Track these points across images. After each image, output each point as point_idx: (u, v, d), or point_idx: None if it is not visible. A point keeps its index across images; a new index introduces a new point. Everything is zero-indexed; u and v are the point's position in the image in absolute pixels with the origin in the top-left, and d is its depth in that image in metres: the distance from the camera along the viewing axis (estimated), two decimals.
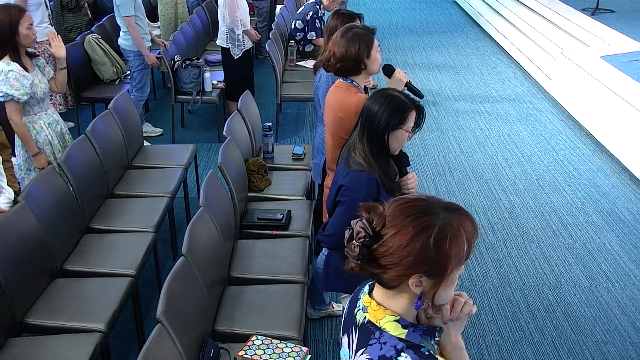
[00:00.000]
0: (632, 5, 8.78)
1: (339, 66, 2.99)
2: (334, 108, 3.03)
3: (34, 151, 3.52)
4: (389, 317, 1.37)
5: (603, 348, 3.36)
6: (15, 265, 2.75)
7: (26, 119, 3.51)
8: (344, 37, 2.96)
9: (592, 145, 5.82)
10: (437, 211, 1.32)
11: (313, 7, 6.51)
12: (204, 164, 5.41)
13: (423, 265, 1.30)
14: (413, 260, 1.29)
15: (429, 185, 5.08)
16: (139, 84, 5.48)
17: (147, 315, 3.46)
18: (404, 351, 1.32)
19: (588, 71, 6.36)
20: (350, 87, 3.00)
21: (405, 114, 2.38)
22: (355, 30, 2.98)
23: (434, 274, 1.31)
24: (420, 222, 1.30)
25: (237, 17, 5.47)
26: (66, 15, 6.24)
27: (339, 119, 2.97)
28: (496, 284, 3.88)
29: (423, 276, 1.31)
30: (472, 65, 8.28)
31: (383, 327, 1.37)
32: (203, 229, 2.86)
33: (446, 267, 1.31)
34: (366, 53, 2.95)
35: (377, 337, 1.36)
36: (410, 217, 1.32)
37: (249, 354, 2.53)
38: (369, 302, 1.42)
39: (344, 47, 2.94)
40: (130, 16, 5.23)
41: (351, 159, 2.46)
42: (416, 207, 1.33)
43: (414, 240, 1.29)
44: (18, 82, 3.34)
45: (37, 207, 3.00)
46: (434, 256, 1.29)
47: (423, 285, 1.33)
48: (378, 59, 3.03)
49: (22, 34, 3.36)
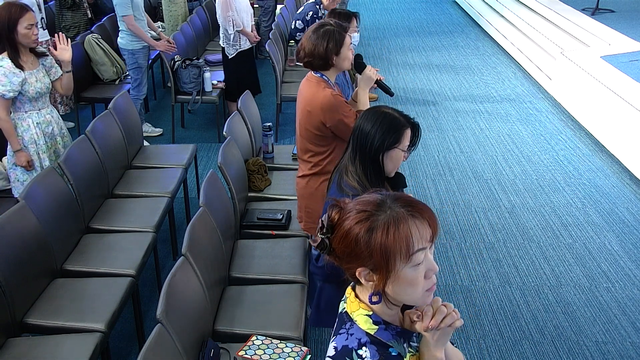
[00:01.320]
0: (632, 5, 8.78)
1: (306, 61, 2.96)
2: (303, 101, 3.00)
3: (16, 147, 3.52)
4: (361, 311, 1.39)
5: (603, 348, 3.36)
6: (15, 265, 2.75)
7: (15, 116, 3.52)
8: (315, 33, 2.92)
9: (592, 145, 5.82)
10: (387, 206, 1.32)
11: (313, 7, 6.51)
12: (204, 164, 5.41)
13: (361, 259, 1.32)
14: (352, 252, 1.32)
15: (429, 185, 5.08)
16: (135, 83, 5.49)
17: (147, 315, 3.46)
18: (366, 345, 1.34)
19: (588, 71, 6.35)
20: (320, 81, 2.95)
21: (400, 132, 2.23)
22: (326, 27, 2.92)
23: (375, 268, 1.32)
24: (361, 215, 1.32)
25: (229, 16, 5.47)
26: (65, 13, 6.24)
27: (307, 112, 2.95)
28: (496, 284, 3.88)
29: (366, 269, 1.33)
30: (472, 65, 8.28)
31: (355, 319, 1.39)
32: (203, 229, 2.86)
33: (383, 261, 1.29)
34: (335, 51, 2.90)
35: (346, 328, 1.39)
36: (356, 209, 1.34)
37: (249, 354, 2.53)
38: (350, 293, 1.45)
39: (312, 44, 2.90)
40: (128, 15, 5.24)
41: (344, 183, 2.30)
42: (367, 202, 1.35)
43: (351, 231, 1.32)
44: (6, 78, 3.35)
45: (37, 207, 3.00)
46: (366, 249, 1.30)
47: (374, 279, 1.33)
48: (349, 56, 2.97)
49: (21, 32, 3.37)
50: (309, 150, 3.03)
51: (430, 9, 11.96)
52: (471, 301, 3.72)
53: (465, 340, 3.42)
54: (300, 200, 3.18)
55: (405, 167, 5.37)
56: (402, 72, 8.04)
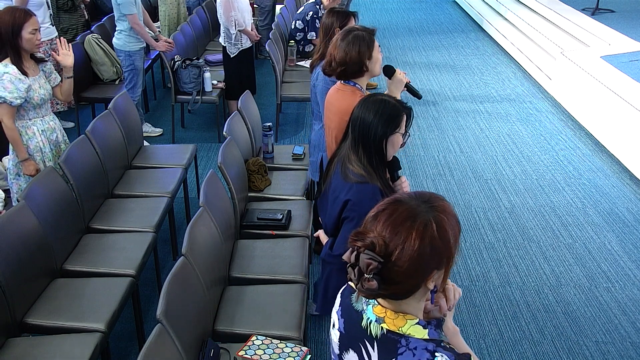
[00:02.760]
0: (632, 5, 8.78)
1: (340, 70, 2.95)
2: (339, 112, 2.96)
3: (23, 157, 3.45)
4: (410, 322, 1.36)
5: (603, 348, 3.36)
6: (15, 265, 2.75)
7: (20, 123, 3.44)
8: (344, 40, 2.92)
9: (592, 145, 5.82)
10: (419, 208, 1.34)
11: (313, 7, 6.52)
12: (204, 164, 5.41)
13: (435, 262, 1.33)
14: (427, 262, 1.31)
15: (429, 186, 5.08)
16: (130, 84, 5.46)
17: (147, 315, 3.46)
18: (436, 351, 1.32)
19: (588, 71, 6.35)
20: (354, 90, 2.96)
21: (400, 117, 2.35)
22: (355, 32, 2.94)
23: (443, 263, 1.35)
24: (417, 225, 1.30)
25: (231, 16, 5.48)
26: (62, 16, 6.23)
27: (345, 122, 2.94)
28: (496, 284, 3.88)
29: (436, 272, 1.34)
30: (472, 65, 8.28)
31: (407, 333, 1.35)
32: (203, 229, 2.86)
33: (452, 252, 1.35)
34: (367, 55, 2.92)
35: (404, 345, 1.34)
36: (405, 225, 1.31)
37: (249, 354, 2.53)
38: (383, 312, 1.39)
39: (344, 51, 2.90)
40: (133, 14, 5.23)
41: (349, 172, 2.36)
42: (403, 214, 1.33)
43: (422, 245, 1.29)
44: (12, 85, 3.28)
45: (37, 207, 3.00)
46: (442, 248, 1.32)
47: (435, 279, 1.35)
48: (379, 59, 3.00)
49: (25, 37, 3.32)
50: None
51: (430, 9, 11.96)
52: (471, 301, 3.72)
53: (465, 340, 3.40)
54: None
55: (406, 167, 5.37)
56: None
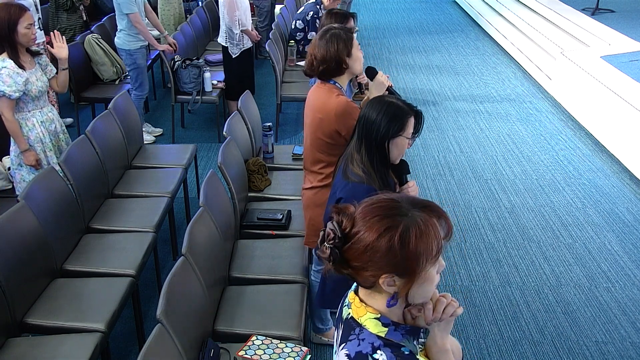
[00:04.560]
0: (632, 5, 8.78)
1: (321, 69, 2.92)
2: (314, 108, 2.97)
3: (23, 147, 3.54)
4: (369, 315, 1.38)
5: (603, 348, 3.36)
6: (15, 265, 2.75)
7: (19, 116, 3.53)
8: (322, 39, 2.90)
9: (592, 145, 5.82)
10: (405, 210, 1.31)
11: (313, 7, 6.52)
12: (204, 164, 5.41)
13: (390, 266, 1.30)
14: (380, 260, 1.30)
15: (429, 185, 5.08)
16: (136, 83, 5.50)
17: (147, 315, 3.46)
18: (380, 349, 1.33)
19: (588, 71, 6.35)
20: (332, 88, 2.93)
21: (405, 120, 2.31)
22: (332, 31, 2.91)
23: (403, 273, 1.31)
24: (385, 222, 1.30)
25: (235, 16, 5.48)
26: (61, 15, 6.23)
27: (318, 119, 2.92)
28: (496, 284, 3.88)
29: (394, 276, 1.31)
30: (472, 65, 8.28)
31: (363, 324, 1.38)
32: (203, 229, 2.86)
33: (415, 265, 1.30)
34: (346, 52, 2.88)
35: (356, 334, 1.37)
36: (376, 217, 1.31)
37: (249, 354, 2.53)
38: (353, 298, 1.43)
39: (323, 49, 2.88)
40: (134, 13, 5.23)
41: (349, 171, 2.37)
42: (383, 208, 1.33)
43: (379, 241, 1.28)
44: (11, 78, 3.36)
45: (37, 207, 3.00)
46: (400, 256, 1.28)
47: (396, 284, 1.32)
48: (360, 57, 2.96)
49: (21, 32, 3.39)
50: (320, 161, 2.99)
51: (430, 9, 11.96)
52: (471, 301, 3.72)
53: (465, 340, 3.41)
54: (305, 212, 3.12)
55: None
56: (402, 72, 8.04)
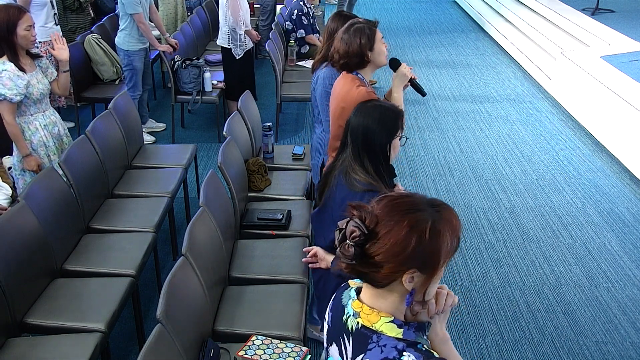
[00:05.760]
0: (632, 5, 8.78)
1: (342, 62, 3.00)
2: (337, 98, 3.04)
3: (24, 152, 3.47)
4: (383, 319, 1.37)
5: (603, 348, 3.36)
6: (15, 265, 2.75)
7: (21, 120, 3.46)
8: (346, 33, 2.98)
9: (592, 145, 5.82)
10: (424, 207, 1.34)
11: (297, 4, 6.53)
12: (204, 164, 5.41)
13: (417, 260, 1.31)
14: (407, 256, 1.30)
15: (429, 185, 5.08)
16: (130, 83, 5.48)
17: (147, 315, 3.46)
18: (405, 350, 1.32)
19: (588, 71, 6.35)
20: (354, 78, 3.01)
21: (399, 120, 2.36)
22: (356, 25, 3.00)
23: (427, 268, 1.33)
24: (414, 217, 1.31)
25: (240, 17, 5.48)
26: (69, 16, 6.23)
27: (341, 109, 2.98)
28: (496, 284, 3.88)
29: (416, 271, 1.32)
30: (472, 65, 8.28)
31: (379, 329, 1.36)
32: (203, 229, 2.86)
33: (438, 261, 1.33)
34: (369, 46, 2.96)
35: (375, 341, 1.35)
36: (403, 212, 1.32)
37: (249, 354, 2.53)
38: (360, 307, 1.41)
39: (346, 43, 2.96)
40: (138, 13, 5.24)
41: (355, 181, 2.34)
42: (406, 204, 1.35)
43: (409, 235, 1.30)
44: (11, 82, 3.30)
45: (37, 207, 3.00)
46: (428, 250, 1.30)
47: (415, 281, 1.33)
48: (383, 50, 3.03)
49: (20, 34, 3.33)
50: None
51: (430, 9, 11.96)
52: (471, 301, 3.72)
53: (465, 340, 3.41)
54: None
55: (406, 167, 5.37)
56: None
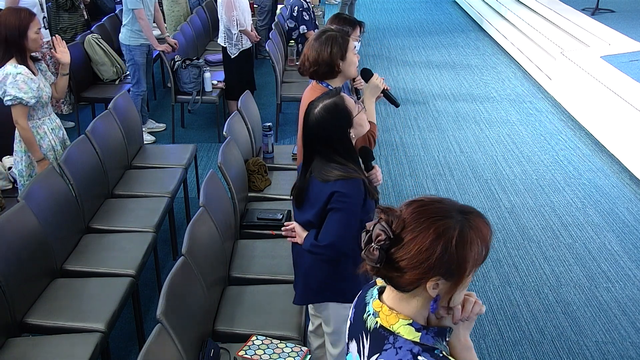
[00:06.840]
0: (632, 5, 8.78)
1: (312, 70, 2.91)
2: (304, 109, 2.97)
3: (38, 157, 3.45)
4: (402, 322, 1.35)
5: (603, 348, 3.36)
6: (15, 265, 2.75)
7: (30, 124, 3.44)
8: (317, 40, 2.88)
9: (592, 145, 5.82)
10: (454, 214, 1.31)
11: (297, 1, 6.53)
12: (204, 164, 5.41)
13: (442, 268, 1.29)
14: (432, 264, 1.28)
15: (429, 186, 5.08)
16: (134, 79, 5.51)
17: (147, 315, 3.46)
18: (420, 354, 1.30)
19: (588, 71, 6.35)
20: (323, 89, 2.88)
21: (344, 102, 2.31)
22: (329, 33, 2.90)
23: (452, 276, 1.30)
24: (441, 224, 1.29)
25: (233, 16, 5.48)
26: (62, 15, 6.23)
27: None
28: (496, 284, 3.88)
29: (441, 279, 1.30)
30: (472, 65, 8.28)
31: (397, 331, 1.35)
32: (203, 229, 2.86)
33: (465, 269, 1.30)
34: (340, 56, 2.87)
35: (391, 342, 1.34)
36: (430, 219, 1.30)
37: (249, 354, 2.53)
38: (380, 306, 1.40)
39: (316, 51, 2.87)
40: (139, 9, 5.25)
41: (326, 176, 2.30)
42: (435, 210, 1.32)
43: (435, 243, 1.28)
44: (26, 85, 3.29)
45: (37, 207, 3.00)
46: (455, 259, 1.28)
47: (440, 288, 1.31)
48: (354, 61, 2.94)
49: (31, 38, 3.32)
50: None
51: (430, 9, 11.96)
52: None
53: None
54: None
55: (406, 167, 5.37)
56: (402, 72, 8.04)
